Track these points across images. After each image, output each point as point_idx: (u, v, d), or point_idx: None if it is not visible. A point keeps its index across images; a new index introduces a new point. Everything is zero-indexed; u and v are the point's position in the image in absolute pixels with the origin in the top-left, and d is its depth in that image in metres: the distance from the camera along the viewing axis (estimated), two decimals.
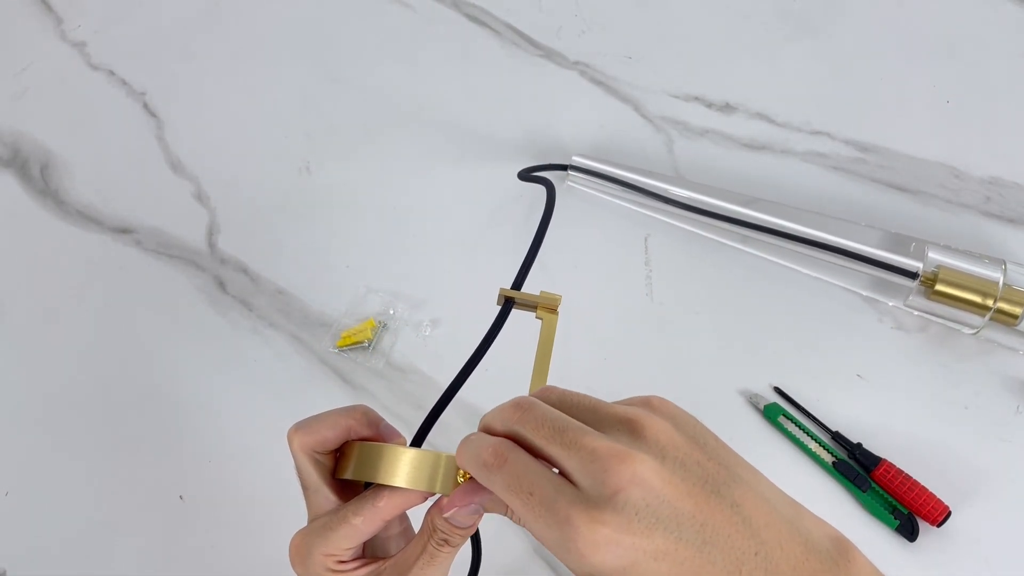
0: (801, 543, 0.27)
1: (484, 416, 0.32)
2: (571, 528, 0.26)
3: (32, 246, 0.66)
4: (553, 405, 0.30)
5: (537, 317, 0.38)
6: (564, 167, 0.64)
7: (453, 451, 0.32)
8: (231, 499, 0.56)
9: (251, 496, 0.55)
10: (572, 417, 0.29)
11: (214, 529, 0.55)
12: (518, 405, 0.30)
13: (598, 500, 0.26)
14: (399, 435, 0.37)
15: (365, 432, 0.36)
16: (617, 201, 0.65)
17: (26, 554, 0.55)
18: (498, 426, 0.30)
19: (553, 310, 0.38)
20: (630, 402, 0.30)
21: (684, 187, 0.62)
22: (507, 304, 0.38)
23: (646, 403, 0.30)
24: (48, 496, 0.57)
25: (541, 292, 0.39)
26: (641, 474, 0.26)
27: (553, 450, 0.28)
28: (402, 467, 0.33)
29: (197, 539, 0.55)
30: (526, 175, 0.62)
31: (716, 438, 0.30)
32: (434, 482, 0.33)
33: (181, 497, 0.56)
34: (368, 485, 0.35)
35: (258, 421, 0.58)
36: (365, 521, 0.33)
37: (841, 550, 0.27)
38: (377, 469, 0.33)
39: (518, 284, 0.40)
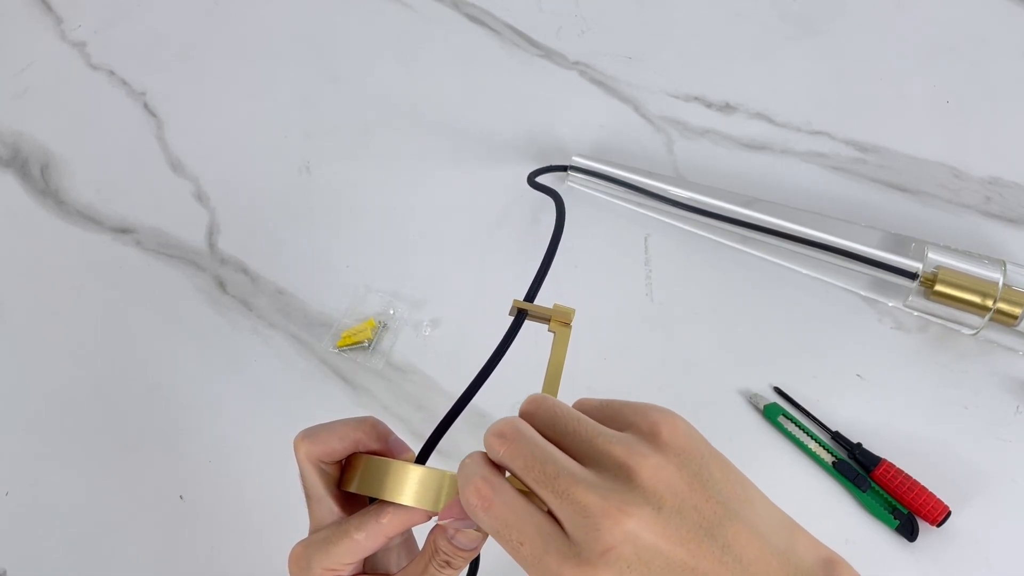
0: (791, 573, 0.27)
1: (487, 431, 0.30)
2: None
3: (32, 246, 0.66)
4: (545, 425, 0.29)
5: (550, 330, 0.37)
6: (564, 168, 0.64)
7: (456, 459, 0.32)
8: (231, 499, 0.56)
9: (251, 496, 0.55)
10: (565, 446, 0.28)
11: (214, 529, 0.55)
12: (503, 436, 0.29)
13: (589, 556, 0.25)
14: (408, 449, 0.36)
15: (374, 446, 0.35)
16: (617, 201, 0.65)
17: (26, 554, 0.55)
18: (489, 454, 0.29)
19: (567, 323, 0.38)
20: (639, 422, 0.29)
21: (684, 187, 0.62)
22: (520, 316, 0.37)
23: (654, 432, 0.28)
24: (48, 496, 0.57)
25: (555, 305, 0.37)
26: (633, 531, 0.25)
27: (542, 494, 0.27)
28: (407, 484, 0.33)
29: (197, 539, 0.55)
30: (534, 182, 0.61)
31: (722, 465, 0.29)
32: (438, 501, 0.32)
33: (181, 497, 0.56)
34: (372, 499, 0.35)
35: (258, 421, 0.58)
36: (368, 537, 0.33)
37: (830, 572, 0.28)
38: (382, 485, 0.33)
39: (531, 296, 0.39)
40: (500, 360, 0.36)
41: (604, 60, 0.72)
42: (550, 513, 0.27)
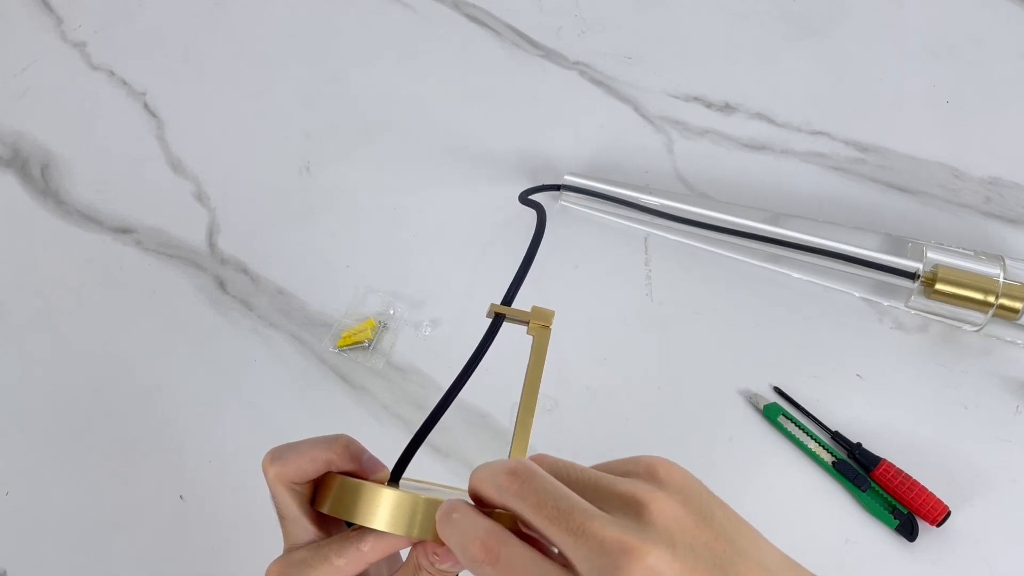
0: None
1: (474, 473, 0.29)
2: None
3: (32, 246, 0.66)
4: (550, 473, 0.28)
5: (529, 333, 0.37)
6: (557, 187, 0.64)
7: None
8: (231, 499, 0.56)
9: (251, 496, 0.55)
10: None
11: (214, 529, 0.55)
12: (515, 473, 0.27)
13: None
14: (383, 467, 0.35)
15: (347, 466, 0.34)
16: (611, 218, 0.64)
17: (26, 554, 0.55)
18: (492, 494, 0.28)
19: (546, 326, 0.37)
20: (633, 468, 0.28)
21: (678, 200, 0.62)
22: (497, 320, 0.36)
23: (652, 473, 0.27)
24: (48, 496, 0.57)
25: (533, 307, 0.37)
26: (654, 568, 0.24)
27: (555, 535, 0.26)
28: (382, 509, 0.32)
29: (197, 539, 0.55)
30: (524, 200, 0.61)
31: (722, 507, 0.28)
32: (412, 527, 0.31)
33: (181, 497, 0.56)
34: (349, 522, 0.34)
35: (258, 421, 0.58)
36: (348, 564, 0.32)
37: None
38: (355, 509, 0.32)
39: (508, 301, 0.38)
40: (476, 367, 0.35)
41: (604, 60, 0.72)
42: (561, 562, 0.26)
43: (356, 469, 0.34)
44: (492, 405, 0.57)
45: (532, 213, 0.64)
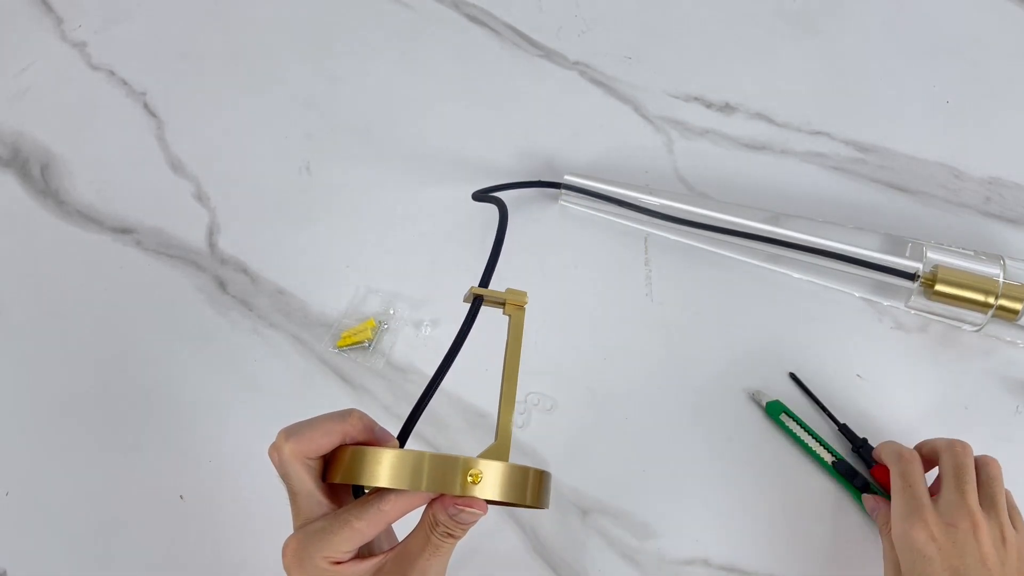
0: None
1: (897, 445, 0.50)
2: (917, 515, 0.44)
3: (32, 246, 0.66)
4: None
5: (505, 314, 0.39)
6: (557, 185, 0.64)
7: (446, 452, 0.32)
8: (231, 499, 0.56)
9: (251, 496, 0.55)
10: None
11: (214, 529, 0.55)
12: (900, 456, 0.49)
13: (944, 513, 0.44)
14: (392, 437, 0.37)
15: (361, 437, 0.36)
16: (611, 217, 0.64)
17: (26, 554, 0.55)
18: (888, 454, 0.50)
19: (520, 306, 0.39)
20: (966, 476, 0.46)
21: (677, 200, 0.62)
22: (476, 301, 0.40)
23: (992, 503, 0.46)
24: (48, 496, 0.57)
25: (507, 289, 0.40)
26: (931, 532, 0.44)
27: (949, 480, 0.46)
28: (389, 467, 0.34)
29: (197, 539, 0.55)
30: (479, 197, 0.60)
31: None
32: (420, 480, 0.33)
33: (181, 497, 0.56)
34: (356, 488, 0.36)
35: (258, 421, 0.58)
36: (369, 524, 0.34)
37: None
38: (366, 471, 0.34)
39: (484, 284, 0.41)
40: (463, 342, 0.38)
41: (604, 60, 0.72)
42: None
43: (370, 439, 0.36)
44: (492, 405, 0.57)
45: (534, 212, 0.64)
